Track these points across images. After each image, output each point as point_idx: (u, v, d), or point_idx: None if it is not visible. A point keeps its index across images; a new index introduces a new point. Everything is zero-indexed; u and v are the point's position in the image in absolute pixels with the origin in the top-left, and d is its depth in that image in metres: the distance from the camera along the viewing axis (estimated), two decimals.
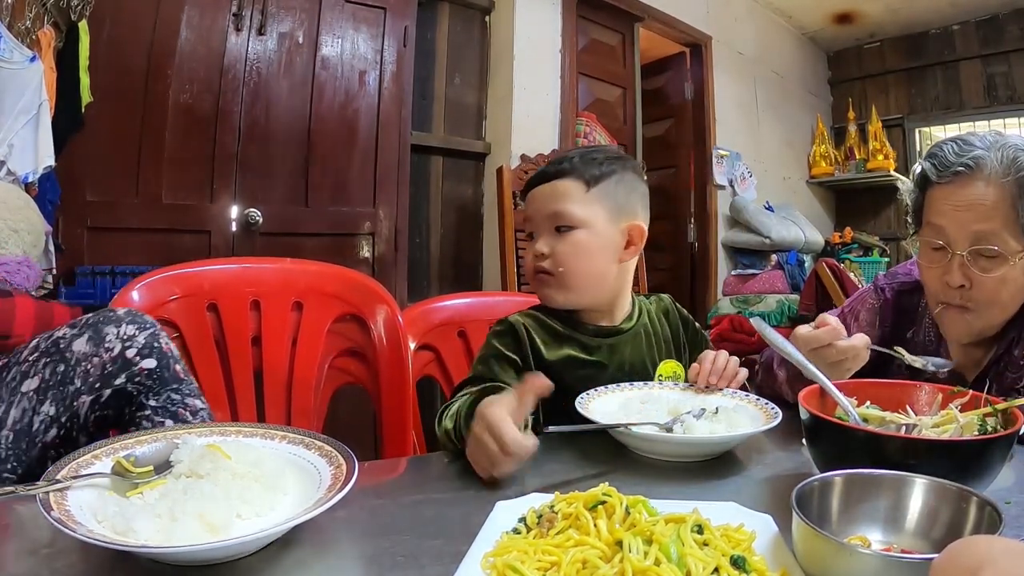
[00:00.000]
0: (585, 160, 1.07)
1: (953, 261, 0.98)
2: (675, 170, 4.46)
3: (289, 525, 0.54)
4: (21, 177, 1.67)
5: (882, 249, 4.77)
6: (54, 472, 0.61)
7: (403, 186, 2.69)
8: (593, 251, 1.05)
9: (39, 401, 0.95)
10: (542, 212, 1.07)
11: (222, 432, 0.73)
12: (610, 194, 1.07)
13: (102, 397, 0.94)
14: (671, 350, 1.15)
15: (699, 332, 1.21)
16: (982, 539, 0.36)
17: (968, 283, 0.97)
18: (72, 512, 0.55)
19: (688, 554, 0.51)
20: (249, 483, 0.64)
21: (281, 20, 2.40)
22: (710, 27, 4.27)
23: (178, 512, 0.57)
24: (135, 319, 0.98)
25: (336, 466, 0.66)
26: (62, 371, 0.95)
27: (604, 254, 1.06)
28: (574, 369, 1.05)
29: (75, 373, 0.94)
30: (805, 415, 0.74)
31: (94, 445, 0.67)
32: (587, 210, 1.05)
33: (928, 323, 1.13)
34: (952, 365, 1.03)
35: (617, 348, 1.09)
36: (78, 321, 1.00)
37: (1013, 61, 4.59)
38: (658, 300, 1.20)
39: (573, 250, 1.04)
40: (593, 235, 1.05)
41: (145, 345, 0.97)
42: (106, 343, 0.95)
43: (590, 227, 1.05)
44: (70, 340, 0.97)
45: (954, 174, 0.96)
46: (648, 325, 1.14)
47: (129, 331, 0.97)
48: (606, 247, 1.06)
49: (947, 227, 0.98)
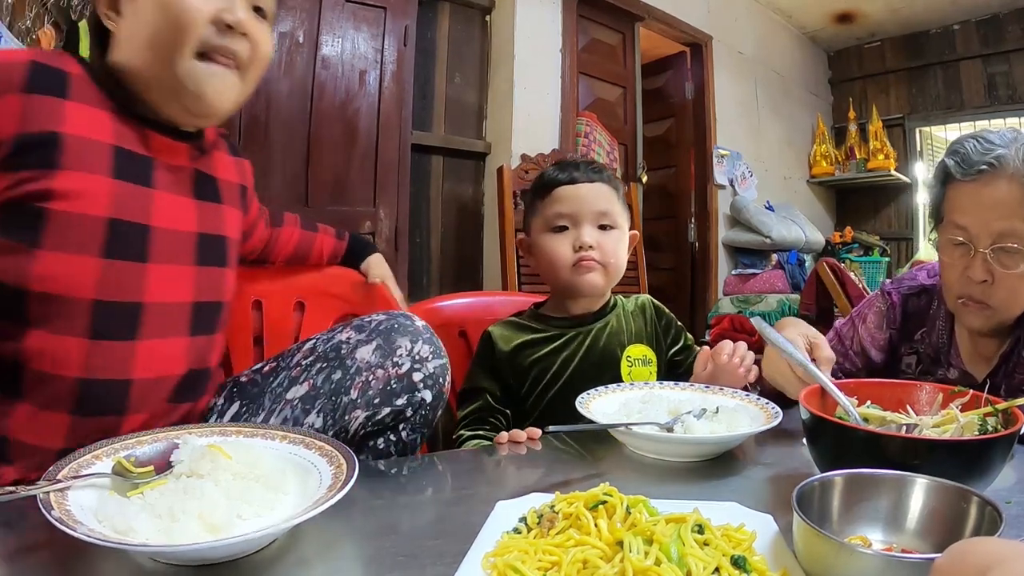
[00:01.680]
0: (607, 171, 1.24)
1: (976, 258, 0.99)
2: (675, 170, 4.46)
3: (290, 524, 0.54)
4: None
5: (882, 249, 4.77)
6: (54, 472, 0.61)
7: (403, 186, 2.69)
8: (624, 249, 1.22)
9: (304, 411, 0.86)
10: (590, 207, 1.18)
11: (223, 432, 0.73)
12: (623, 201, 1.23)
13: (378, 415, 0.83)
14: (642, 339, 1.24)
15: (672, 322, 1.29)
16: (988, 540, 0.35)
17: (990, 278, 0.99)
18: (72, 512, 0.55)
19: (689, 554, 0.51)
20: (249, 483, 0.64)
21: (281, 20, 2.40)
22: (710, 27, 4.27)
23: (178, 511, 0.57)
24: (432, 341, 0.88)
25: (336, 466, 0.65)
26: (337, 379, 0.85)
27: (625, 253, 1.23)
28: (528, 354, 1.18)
29: (352, 384, 0.84)
30: (806, 415, 0.74)
31: (95, 445, 0.67)
32: (622, 213, 1.21)
33: (940, 324, 1.14)
34: None
35: (584, 335, 1.20)
36: (366, 324, 0.90)
37: (1014, 61, 4.59)
38: (634, 298, 1.31)
39: (616, 246, 1.19)
40: (623, 235, 1.22)
41: (432, 376, 0.86)
42: (395, 356, 0.85)
43: (622, 228, 1.21)
44: (354, 347, 0.87)
45: (978, 172, 0.97)
46: (620, 316, 1.24)
47: (423, 352, 0.86)
48: (625, 248, 1.23)
49: (970, 225, 0.99)
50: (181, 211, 0.84)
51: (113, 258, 0.76)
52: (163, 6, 0.75)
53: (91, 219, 0.74)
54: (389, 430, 0.86)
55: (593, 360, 1.18)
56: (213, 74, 0.79)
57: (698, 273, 4.36)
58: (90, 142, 0.75)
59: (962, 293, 1.03)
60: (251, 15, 0.81)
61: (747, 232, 4.25)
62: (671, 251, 4.48)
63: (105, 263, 0.75)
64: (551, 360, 1.18)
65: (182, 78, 0.77)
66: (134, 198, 0.78)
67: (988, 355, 1.09)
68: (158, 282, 0.80)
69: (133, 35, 0.78)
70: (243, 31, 0.79)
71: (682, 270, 4.43)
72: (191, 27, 0.75)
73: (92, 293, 0.75)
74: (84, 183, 0.74)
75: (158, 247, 0.80)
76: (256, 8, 0.82)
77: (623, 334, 1.22)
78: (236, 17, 0.77)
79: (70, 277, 0.73)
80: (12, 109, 0.71)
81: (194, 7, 0.75)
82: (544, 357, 1.19)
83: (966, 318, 1.05)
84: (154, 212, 0.80)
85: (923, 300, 1.18)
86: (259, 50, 0.82)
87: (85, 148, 0.75)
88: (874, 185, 5.14)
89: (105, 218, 0.76)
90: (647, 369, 1.21)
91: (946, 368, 1.13)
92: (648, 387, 1.04)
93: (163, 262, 0.81)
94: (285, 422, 0.88)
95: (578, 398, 0.94)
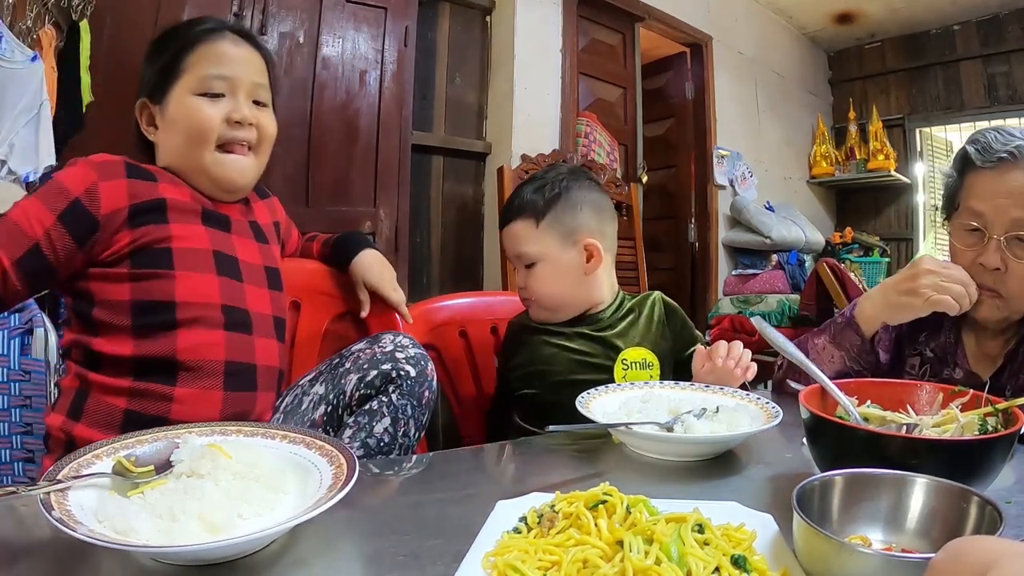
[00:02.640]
0: (533, 192, 1.21)
1: (990, 244, 1.00)
2: (675, 170, 4.46)
3: (291, 524, 0.54)
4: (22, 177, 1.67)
5: (882, 249, 4.77)
6: (55, 472, 0.61)
7: (404, 186, 2.69)
8: (555, 278, 1.19)
9: (311, 384, 1.08)
10: (510, 253, 1.23)
11: (223, 431, 0.73)
12: (558, 221, 1.19)
13: (367, 377, 1.00)
14: (645, 341, 1.22)
15: (686, 324, 1.27)
16: (985, 539, 0.35)
17: (1003, 267, 1.00)
18: (73, 512, 0.55)
19: (689, 553, 0.51)
20: (250, 483, 0.63)
21: (282, 20, 2.40)
22: (710, 27, 4.27)
23: (179, 511, 0.56)
24: (415, 343, 1.05)
25: (336, 465, 0.65)
26: (336, 362, 1.07)
27: (567, 276, 1.20)
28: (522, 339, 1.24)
29: (347, 359, 1.04)
30: (806, 414, 0.74)
31: (95, 445, 0.67)
32: (539, 245, 1.19)
33: (947, 324, 1.14)
34: None
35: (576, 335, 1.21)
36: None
37: (1014, 61, 4.58)
38: (643, 297, 1.29)
39: (539, 282, 1.19)
40: (551, 264, 1.19)
41: (413, 358, 1.02)
42: (380, 342, 1.04)
43: (546, 259, 1.19)
44: (351, 348, 1.07)
45: (998, 159, 0.99)
46: (628, 319, 1.23)
47: (404, 342, 1.04)
48: (567, 270, 1.20)
49: (986, 212, 1.00)
50: (251, 249, 1.10)
51: (223, 276, 1.02)
52: (187, 118, 1.01)
53: (203, 252, 1.01)
54: (380, 392, 1.00)
55: (577, 358, 1.19)
56: (234, 160, 1.04)
57: (698, 273, 4.36)
58: (184, 203, 1.02)
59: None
60: (253, 108, 1.05)
61: (747, 232, 4.25)
62: (671, 251, 4.48)
63: (220, 279, 1.01)
64: (539, 348, 1.21)
65: (210, 166, 1.03)
66: (223, 239, 1.05)
67: (993, 355, 1.09)
68: (252, 297, 1.06)
69: (169, 141, 1.04)
70: (249, 123, 1.04)
71: (682, 270, 4.43)
72: (210, 130, 1.01)
73: (218, 299, 1.00)
74: (189, 230, 1.01)
75: (246, 273, 1.06)
76: (256, 102, 1.06)
77: (621, 337, 1.21)
78: (242, 114, 1.03)
79: (201, 288, 0.98)
80: (122, 190, 0.96)
81: (209, 115, 1.01)
82: (536, 343, 1.22)
83: (977, 309, 1.05)
84: (237, 249, 1.07)
85: None
86: (264, 132, 1.07)
87: (182, 207, 1.01)
88: (874, 185, 5.14)
89: (210, 250, 1.02)
90: (646, 373, 1.19)
91: (952, 368, 1.12)
92: (648, 387, 1.04)
93: (251, 284, 1.06)
94: (295, 397, 1.09)
95: (578, 398, 0.94)
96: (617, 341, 1.20)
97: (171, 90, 1.03)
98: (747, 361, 1.07)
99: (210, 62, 1.02)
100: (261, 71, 1.08)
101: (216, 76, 1.02)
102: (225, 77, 1.02)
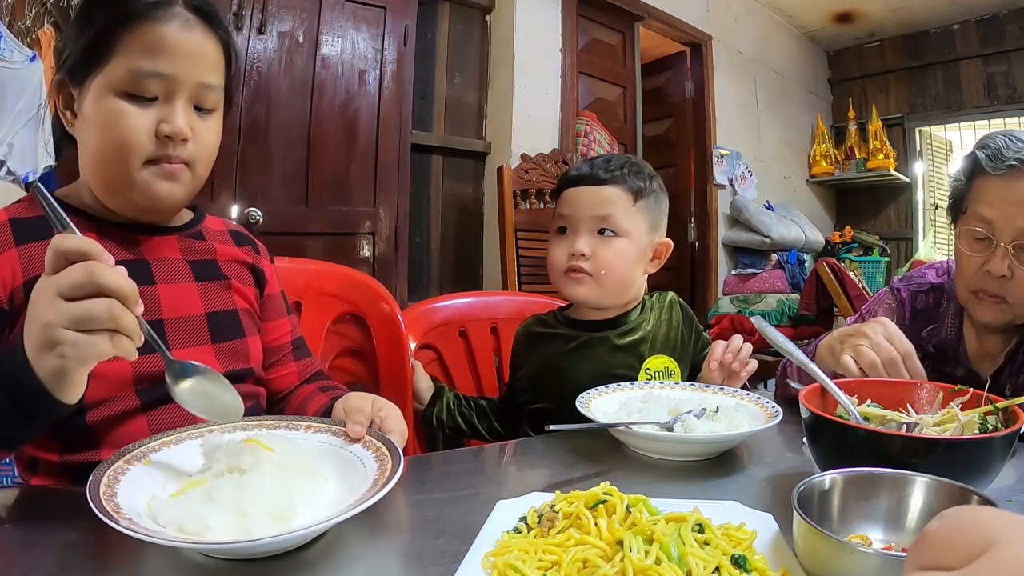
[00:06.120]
0: (632, 172, 1.14)
1: (997, 252, 1.00)
2: (675, 169, 4.46)
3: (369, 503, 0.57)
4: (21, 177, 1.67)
5: (882, 248, 4.77)
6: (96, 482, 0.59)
7: (403, 186, 2.69)
8: (630, 260, 1.13)
9: None
10: (588, 213, 1.12)
11: (244, 427, 0.74)
12: (651, 209, 1.15)
13: None
14: (666, 348, 1.17)
15: (698, 326, 1.24)
16: (985, 511, 0.32)
17: (1009, 274, 1.00)
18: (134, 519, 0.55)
19: (689, 553, 0.51)
20: (293, 473, 0.65)
21: (281, 19, 2.40)
22: (710, 26, 4.27)
23: (247, 507, 0.58)
24: None
25: (375, 450, 0.69)
26: None
27: (638, 264, 1.14)
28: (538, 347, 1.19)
29: None
30: (806, 414, 0.74)
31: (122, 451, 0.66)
32: (632, 221, 1.12)
33: (950, 322, 1.14)
34: None
35: (597, 341, 1.15)
36: None
37: (1013, 60, 4.59)
38: (660, 298, 1.23)
39: (615, 256, 1.11)
40: (632, 245, 1.12)
41: None
42: None
43: (632, 237, 1.12)
44: None
45: (1008, 167, 0.98)
46: (645, 325, 1.17)
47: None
48: (640, 258, 1.14)
49: (995, 219, 1.00)
50: (185, 297, 0.88)
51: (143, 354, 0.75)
52: (105, 126, 0.78)
53: None
54: None
55: (602, 370, 1.11)
56: (163, 177, 0.81)
57: (698, 273, 4.36)
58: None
59: (978, 286, 1.03)
60: (192, 116, 0.82)
61: (747, 232, 4.25)
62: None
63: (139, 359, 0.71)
64: (555, 359, 1.15)
65: (134, 185, 0.80)
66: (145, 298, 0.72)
67: (994, 353, 1.10)
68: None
69: (86, 145, 0.82)
70: (183, 138, 0.81)
71: (682, 270, 4.43)
72: (134, 146, 0.79)
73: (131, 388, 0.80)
74: None
75: (174, 333, 0.85)
76: (199, 107, 0.83)
77: (645, 344, 1.15)
78: (174, 128, 0.79)
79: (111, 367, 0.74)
80: (12, 264, 0.76)
81: (134, 128, 0.78)
82: (552, 353, 1.16)
83: (978, 311, 1.05)
84: (163, 302, 0.85)
85: (932, 298, 1.18)
86: (202, 146, 0.84)
87: None
88: (874, 185, 5.15)
89: None
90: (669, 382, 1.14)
91: (953, 366, 1.13)
92: (648, 387, 1.04)
93: (183, 346, 0.85)
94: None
95: (578, 397, 0.94)
96: (641, 348, 1.15)
97: (92, 76, 0.78)
98: (746, 354, 1.06)
99: (146, 51, 0.78)
100: (214, 66, 0.83)
101: (150, 73, 0.77)
102: (162, 75, 0.78)
